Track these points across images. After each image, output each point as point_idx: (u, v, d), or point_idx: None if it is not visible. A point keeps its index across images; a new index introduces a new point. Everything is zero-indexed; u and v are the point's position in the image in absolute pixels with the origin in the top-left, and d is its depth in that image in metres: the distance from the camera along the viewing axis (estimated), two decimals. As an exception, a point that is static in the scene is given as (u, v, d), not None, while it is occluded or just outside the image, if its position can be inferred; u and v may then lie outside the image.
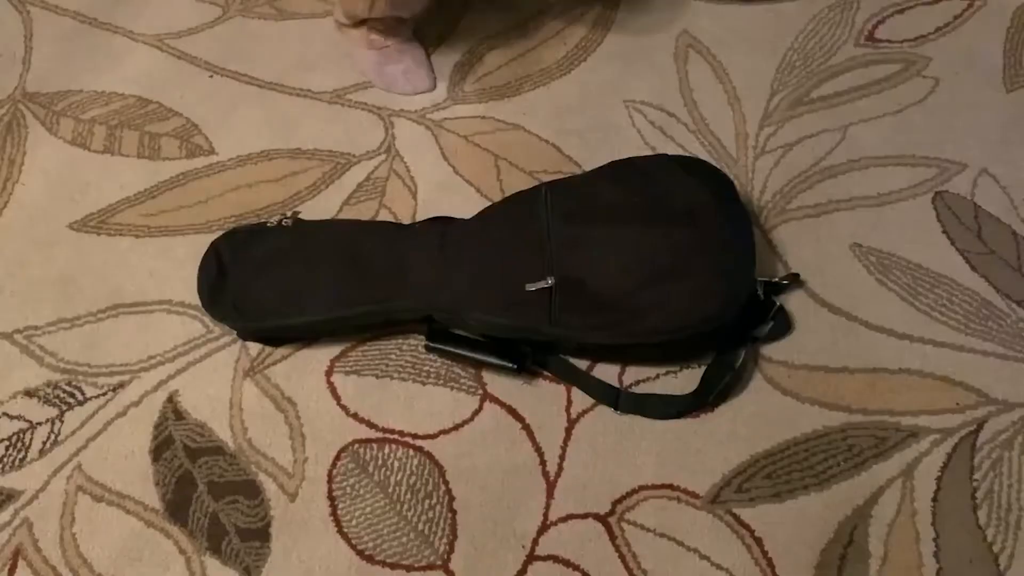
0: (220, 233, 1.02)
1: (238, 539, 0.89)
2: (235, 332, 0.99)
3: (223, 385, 0.97)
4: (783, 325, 0.97)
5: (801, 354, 0.97)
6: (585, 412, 0.95)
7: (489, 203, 1.05)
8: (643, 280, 0.90)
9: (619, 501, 0.90)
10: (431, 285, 0.95)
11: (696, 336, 0.90)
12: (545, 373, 0.97)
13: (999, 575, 0.85)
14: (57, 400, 0.97)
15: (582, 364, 0.97)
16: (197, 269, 0.99)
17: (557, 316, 0.90)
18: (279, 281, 0.97)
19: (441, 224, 1.00)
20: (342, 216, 1.08)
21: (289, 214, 1.04)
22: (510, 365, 0.93)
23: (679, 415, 0.93)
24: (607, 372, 0.97)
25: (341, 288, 0.96)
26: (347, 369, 0.98)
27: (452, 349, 0.95)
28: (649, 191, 0.95)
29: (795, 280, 1.00)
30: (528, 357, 0.94)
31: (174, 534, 0.90)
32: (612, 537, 0.88)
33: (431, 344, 0.95)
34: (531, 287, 0.90)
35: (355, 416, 0.95)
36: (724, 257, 0.91)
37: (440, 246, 0.97)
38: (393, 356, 0.98)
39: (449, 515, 0.90)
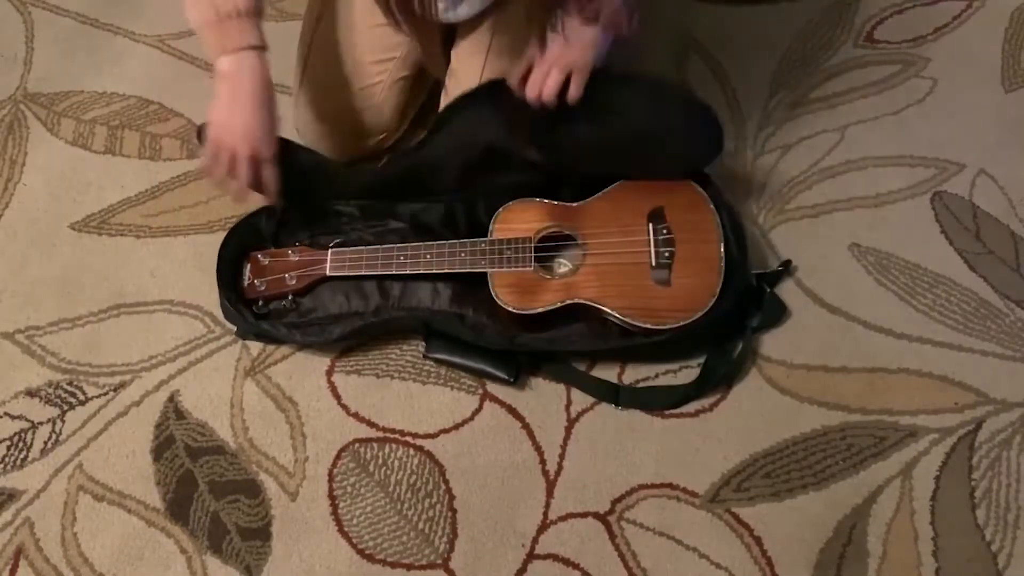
0: (221, 233, 1.02)
1: (239, 538, 0.89)
2: (235, 330, 0.99)
3: (224, 385, 0.97)
4: (776, 310, 0.98)
5: (800, 353, 0.97)
6: (585, 411, 0.95)
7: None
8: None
9: (618, 500, 0.90)
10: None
11: (693, 332, 0.90)
12: (545, 372, 0.97)
13: (998, 574, 0.85)
14: (58, 400, 0.97)
15: (582, 364, 0.97)
16: (216, 260, 0.97)
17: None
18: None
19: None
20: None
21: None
22: (505, 377, 0.93)
23: (681, 403, 0.94)
24: (607, 372, 0.97)
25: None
26: (348, 369, 0.98)
27: (449, 358, 0.95)
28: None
29: (787, 267, 1.00)
30: (523, 367, 0.94)
31: (175, 533, 0.90)
32: (611, 536, 0.89)
33: (428, 354, 0.95)
34: None
35: (356, 415, 0.95)
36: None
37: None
38: (393, 356, 0.99)
39: (449, 514, 0.90)
